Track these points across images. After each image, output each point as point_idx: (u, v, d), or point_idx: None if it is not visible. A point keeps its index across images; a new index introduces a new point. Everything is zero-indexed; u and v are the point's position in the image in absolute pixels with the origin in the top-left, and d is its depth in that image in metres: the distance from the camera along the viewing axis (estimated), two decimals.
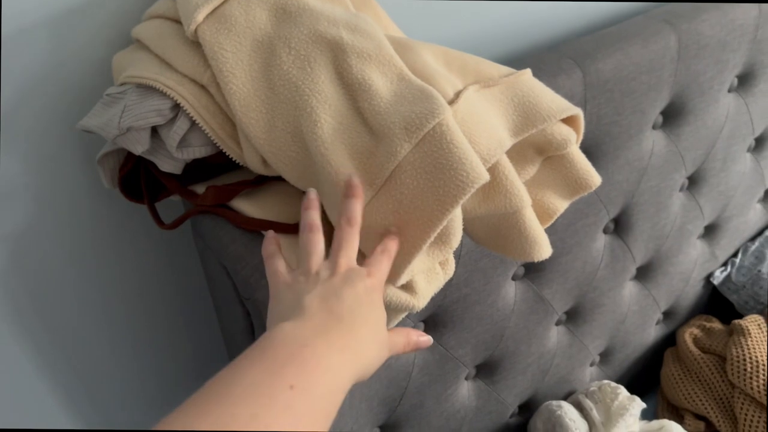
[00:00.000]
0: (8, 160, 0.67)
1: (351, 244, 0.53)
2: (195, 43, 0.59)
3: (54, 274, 0.78)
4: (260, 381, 0.39)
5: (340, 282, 0.50)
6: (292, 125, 0.56)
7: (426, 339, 0.56)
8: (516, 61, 0.83)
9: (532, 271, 0.98)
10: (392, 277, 0.56)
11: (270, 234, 0.57)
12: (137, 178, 0.69)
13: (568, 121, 0.65)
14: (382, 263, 0.54)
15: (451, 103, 0.57)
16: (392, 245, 0.55)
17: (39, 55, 0.64)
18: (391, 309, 0.59)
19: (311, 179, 0.57)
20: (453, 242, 0.58)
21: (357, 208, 0.53)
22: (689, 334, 1.30)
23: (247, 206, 0.61)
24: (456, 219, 0.57)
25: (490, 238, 0.67)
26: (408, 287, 0.60)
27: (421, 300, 0.60)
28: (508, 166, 0.61)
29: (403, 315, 0.64)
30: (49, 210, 0.73)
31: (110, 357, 0.90)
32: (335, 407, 0.43)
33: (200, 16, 0.57)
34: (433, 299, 0.63)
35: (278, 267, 0.53)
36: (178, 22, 0.61)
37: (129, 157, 0.66)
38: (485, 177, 0.52)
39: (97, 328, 0.86)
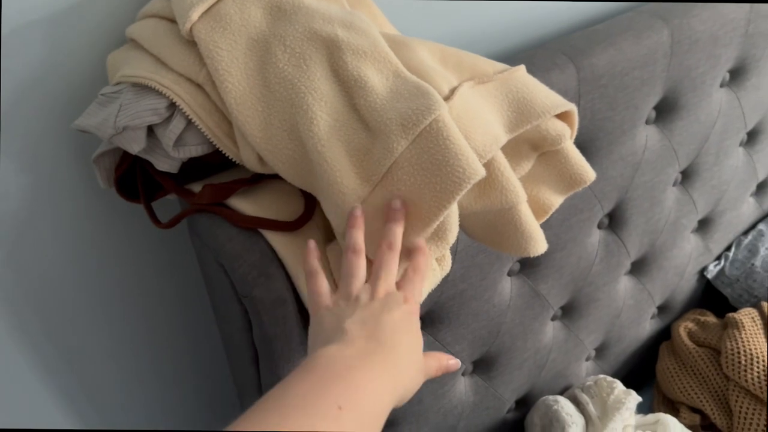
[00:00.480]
0: (5, 160, 0.67)
1: (391, 268, 0.54)
2: (190, 42, 0.59)
3: (51, 274, 0.78)
4: (309, 397, 0.41)
5: (379, 307, 0.51)
6: (288, 123, 0.56)
7: (455, 362, 0.58)
8: (510, 58, 0.83)
9: (527, 266, 0.98)
10: None
11: (311, 246, 0.57)
12: (133, 177, 0.69)
13: (563, 116, 0.65)
14: (416, 284, 0.55)
15: (446, 99, 0.58)
16: (421, 262, 0.56)
17: (34, 56, 0.64)
18: None
19: (308, 177, 0.57)
20: (449, 238, 0.58)
21: (398, 233, 0.54)
22: (684, 328, 1.30)
23: (243, 204, 0.62)
24: (452, 215, 0.57)
25: (486, 234, 0.67)
26: None
27: None
28: (503, 162, 0.61)
29: None
30: (46, 210, 0.73)
31: (108, 355, 0.90)
32: (378, 426, 0.45)
33: (195, 15, 0.57)
34: (429, 295, 0.64)
35: (320, 288, 0.55)
36: (172, 21, 0.61)
37: (125, 156, 0.66)
38: (481, 173, 0.53)
39: (96, 327, 0.86)
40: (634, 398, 1.07)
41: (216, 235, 0.61)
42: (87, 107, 0.64)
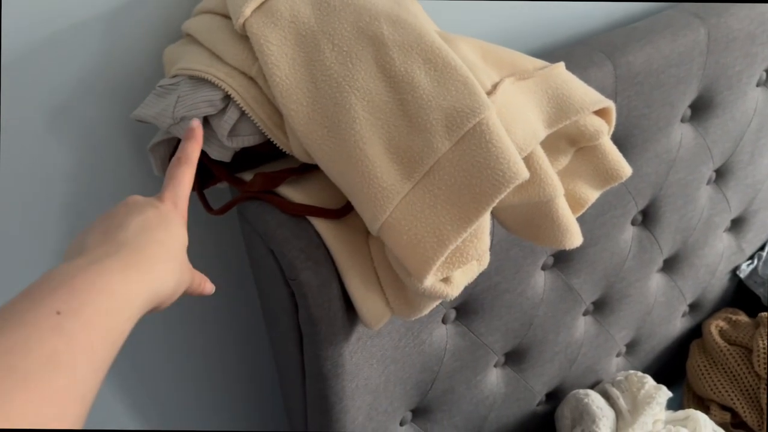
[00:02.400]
0: (65, 148, 0.71)
1: (182, 180, 0.55)
2: (243, 37, 0.61)
3: None
4: (23, 311, 0.37)
5: (124, 211, 0.49)
6: (330, 120, 0.58)
7: (210, 287, 0.58)
8: (548, 54, 0.85)
9: (561, 261, 1.00)
10: (423, 272, 0.56)
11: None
12: None
13: (600, 113, 0.67)
14: (176, 185, 0.54)
15: (488, 94, 0.59)
16: (188, 156, 0.56)
17: (95, 49, 0.67)
18: (426, 296, 0.61)
19: (342, 175, 0.58)
20: (485, 238, 0.60)
21: (191, 148, 0.57)
22: (715, 326, 1.31)
23: (292, 192, 0.64)
24: (485, 218, 0.58)
25: (522, 227, 0.69)
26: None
27: (455, 289, 0.61)
28: (542, 156, 0.63)
29: (437, 302, 0.66)
30: (105, 196, 0.76)
31: (162, 335, 0.93)
32: (119, 328, 0.41)
33: (248, 11, 0.59)
34: (464, 287, 0.65)
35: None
36: (226, 16, 0.63)
37: (178, 146, 0.69)
38: (523, 175, 0.54)
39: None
40: (664, 393, 1.08)
41: (266, 221, 0.63)
42: (141, 99, 0.67)
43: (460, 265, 0.59)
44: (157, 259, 0.46)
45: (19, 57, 0.64)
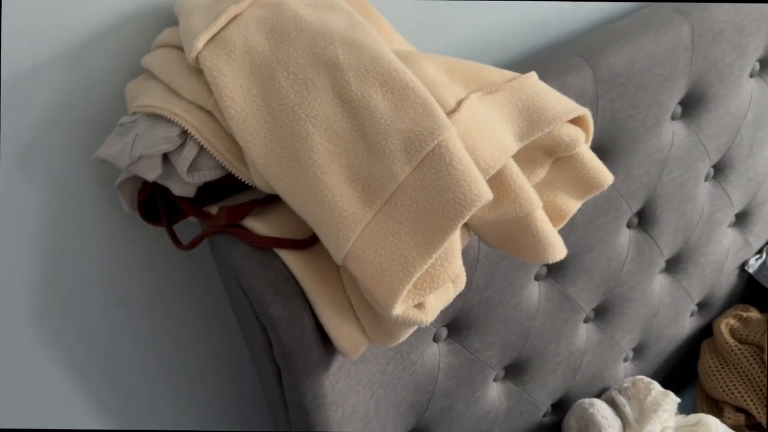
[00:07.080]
0: (33, 191, 0.70)
1: None
2: (198, 70, 0.60)
3: (84, 297, 0.80)
4: None
5: None
6: (289, 150, 0.56)
7: None
8: (524, 62, 0.83)
9: (555, 270, 0.97)
10: (390, 302, 0.54)
11: None
12: (156, 201, 0.71)
13: (577, 121, 0.65)
14: None
15: (452, 112, 0.58)
16: None
17: (58, 89, 0.67)
18: (399, 324, 0.59)
19: (305, 206, 0.57)
20: (455, 260, 0.58)
21: None
22: (725, 325, 1.27)
23: (257, 224, 0.63)
24: (455, 239, 0.57)
25: (503, 242, 0.67)
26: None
27: (429, 315, 0.59)
28: (515, 171, 0.61)
29: (413, 329, 0.64)
30: (75, 236, 0.75)
31: (143, 375, 0.92)
32: None
33: (200, 44, 0.58)
34: (453, 304, 0.63)
35: None
36: (182, 49, 0.62)
37: (146, 182, 0.68)
38: (485, 197, 0.52)
39: (128, 349, 0.88)
40: (671, 399, 1.06)
41: (233, 255, 0.62)
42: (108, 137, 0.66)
43: (431, 291, 0.58)
44: None
45: None
